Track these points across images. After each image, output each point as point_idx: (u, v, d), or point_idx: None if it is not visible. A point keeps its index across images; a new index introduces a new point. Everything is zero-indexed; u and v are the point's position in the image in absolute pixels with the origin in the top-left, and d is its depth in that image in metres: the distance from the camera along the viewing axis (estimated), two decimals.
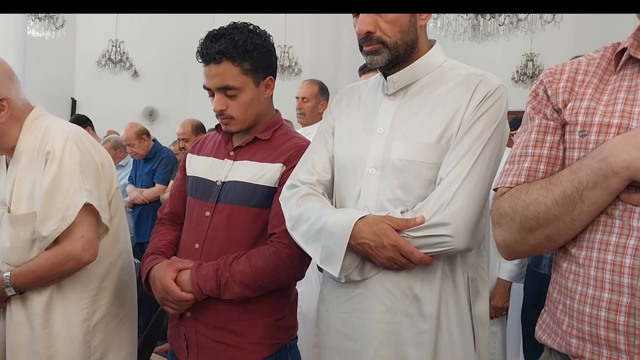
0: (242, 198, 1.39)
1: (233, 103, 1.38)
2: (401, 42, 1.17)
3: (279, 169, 1.39)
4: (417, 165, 1.15)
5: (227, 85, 1.36)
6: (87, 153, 1.49)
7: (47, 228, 1.39)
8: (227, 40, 1.34)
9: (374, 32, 1.16)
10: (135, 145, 4.01)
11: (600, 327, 0.88)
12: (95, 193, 1.46)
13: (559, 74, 1.02)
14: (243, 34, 1.36)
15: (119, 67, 8.97)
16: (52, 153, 1.41)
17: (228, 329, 1.40)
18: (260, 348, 1.40)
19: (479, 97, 1.15)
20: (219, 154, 1.49)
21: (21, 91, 1.52)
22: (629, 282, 0.85)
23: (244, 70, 1.36)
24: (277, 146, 1.44)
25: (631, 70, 0.95)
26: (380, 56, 1.18)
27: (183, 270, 1.38)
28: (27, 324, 1.47)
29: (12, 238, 1.45)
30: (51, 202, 1.39)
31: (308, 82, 3.15)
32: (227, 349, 1.40)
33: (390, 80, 1.22)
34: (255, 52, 1.36)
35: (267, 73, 1.42)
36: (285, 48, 8.83)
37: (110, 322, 1.57)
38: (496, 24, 6.14)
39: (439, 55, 1.25)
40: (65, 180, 1.41)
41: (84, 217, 1.42)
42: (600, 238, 0.90)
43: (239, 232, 1.39)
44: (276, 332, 1.42)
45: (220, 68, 1.35)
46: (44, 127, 1.48)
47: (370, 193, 1.19)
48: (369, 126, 1.24)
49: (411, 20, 1.17)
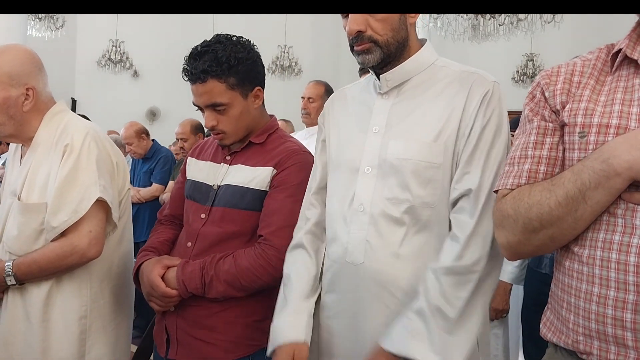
0: (234, 201, 1.41)
1: (223, 118, 1.40)
2: (392, 40, 1.16)
3: (269, 172, 1.41)
4: (414, 164, 1.14)
5: (215, 102, 1.38)
6: (105, 151, 1.52)
7: (58, 219, 1.40)
8: (211, 57, 1.34)
9: (365, 31, 1.15)
10: (134, 144, 4.01)
11: (608, 325, 0.89)
12: (109, 190, 1.48)
13: (555, 75, 1.03)
14: (226, 49, 1.36)
15: (119, 67, 8.98)
16: (70, 146, 1.44)
17: (206, 325, 1.41)
18: (236, 347, 1.40)
19: (478, 98, 1.14)
20: (217, 158, 1.52)
21: (47, 85, 1.56)
22: (634, 280, 0.86)
23: (231, 86, 1.37)
24: (270, 150, 1.45)
25: (627, 70, 0.95)
26: (372, 55, 1.17)
27: (171, 268, 1.40)
28: (24, 316, 1.47)
29: (20, 226, 1.45)
30: (65, 194, 1.41)
31: (314, 83, 3.23)
32: (204, 345, 1.41)
33: (383, 78, 1.21)
34: (240, 66, 1.37)
35: (254, 84, 1.43)
36: (285, 48, 8.84)
37: (107, 322, 1.57)
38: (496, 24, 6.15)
39: (431, 53, 1.24)
40: (82, 173, 1.43)
41: (94, 212, 1.43)
42: (603, 237, 0.90)
43: (230, 233, 1.41)
44: (254, 334, 1.42)
45: (207, 86, 1.36)
46: (64, 121, 1.52)
47: (366, 192, 1.19)
48: (363, 125, 1.24)
49: (401, 19, 1.17)
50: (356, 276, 1.19)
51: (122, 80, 9.38)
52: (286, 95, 7.34)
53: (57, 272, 1.45)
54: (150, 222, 4.00)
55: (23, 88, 1.47)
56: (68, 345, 1.48)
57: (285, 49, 8.85)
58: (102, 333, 1.55)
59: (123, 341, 1.65)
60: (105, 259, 1.54)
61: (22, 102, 1.48)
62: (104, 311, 1.56)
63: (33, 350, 1.45)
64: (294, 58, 8.97)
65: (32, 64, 1.50)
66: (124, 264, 1.64)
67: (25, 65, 1.48)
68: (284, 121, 4.81)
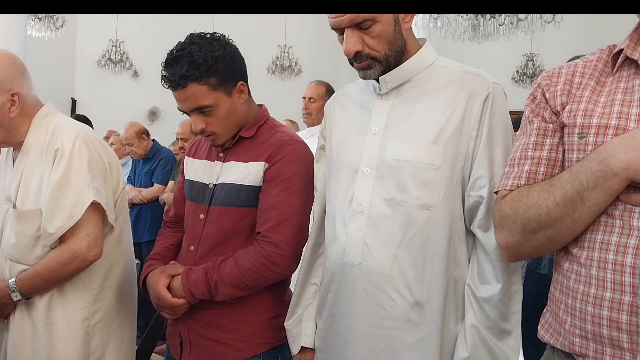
0: (230, 199, 1.41)
1: (211, 120, 1.39)
2: (390, 52, 1.17)
3: (262, 167, 1.40)
4: (413, 165, 1.14)
5: (199, 105, 1.36)
6: (96, 152, 1.50)
7: (54, 225, 1.40)
8: (187, 61, 1.32)
9: (362, 50, 1.16)
10: (135, 145, 4.01)
11: (603, 326, 0.89)
12: (102, 192, 1.47)
13: (556, 76, 1.03)
14: (202, 49, 1.34)
15: (119, 67, 8.97)
16: (61, 150, 1.43)
17: (218, 325, 1.41)
18: (248, 346, 1.41)
19: (480, 100, 1.14)
20: (211, 155, 1.51)
21: (32, 88, 1.54)
22: (630, 281, 0.86)
23: (213, 86, 1.35)
24: (260, 143, 1.44)
25: (627, 71, 0.95)
26: (373, 70, 1.18)
27: (176, 277, 1.40)
28: (29, 322, 1.48)
29: (17, 234, 1.45)
30: (59, 199, 1.40)
31: (316, 83, 3.24)
32: (216, 345, 1.41)
33: (383, 80, 1.21)
34: (218, 65, 1.35)
35: (236, 80, 1.41)
36: (285, 48, 8.83)
37: (110, 322, 1.57)
38: (496, 24, 6.15)
39: (430, 53, 1.24)
40: (74, 177, 1.42)
41: (90, 215, 1.43)
42: (601, 238, 0.91)
43: (229, 232, 1.41)
44: (266, 332, 1.43)
45: (188, 91, 1.34)
46: (53, 124, 1.50)
47: (365, 193, 1.19)
48: (363, 126, 1.24)
49: (396, 28, 1.16)
50: (353, 277, 1.19)
51: (122, 80, 9.37)
52: (286, 95, 7.33)
53: (62, 280, 1.45)
54: (152, 222, 4.01)
55: (8, 94, 1.45)
56: (73, 348, 1.49)
57: (285, 49, 8.84)
58: (106, 333, 1.55)
59: (128, 340, 1.65)
60: (105, 260, 1.54)
61: (8, 109, 1.46)
62: (107, 311, 1.56)
63: (40, 353, 1.46)
64: (294, 58, 8.95)
65: (14, 69, 1.47)
66: (124, 262, 1.64)
67: (7, 70, 1.46)
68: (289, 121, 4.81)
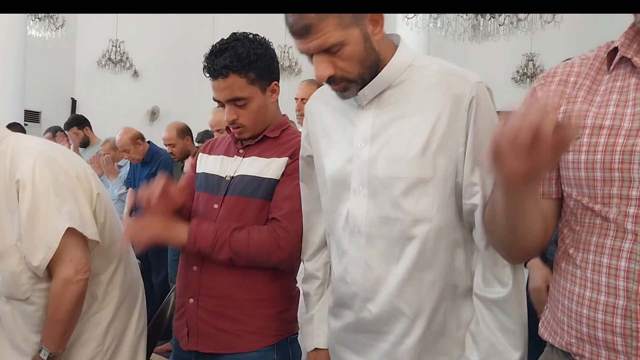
0: (249, 190, 1.45)
1: (243, 112, 1.45)
2: (364, 70, 1.12)
3: (284, 162, 1.45)
4: (404, 182, 1.11)
5: (236, 96, 1.42)
6: (59, 171, 1.45)
7: (36, 258, 1.38)
8: (231, 54, 1.39)
9: (334, 74, 1.12)
10: (132, 151, 3.97)
11: (598, 329, 0.89)
12: (75, 213, 1.42)
13: (551, 76, 1.03)
14: (245, 46, 1.41)
15: (119, 67, 8.98)
16: (22, 181, 1.38)
17: (229, 316, 1.44)
18: (259, 338, 1.44)
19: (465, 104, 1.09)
20: (229, 152, 1.55)
21: None
22: (624, 285, 0.86)
23: (250, 81, 1.42)
24: (284, 143, 1.50)
25: (624, 70, 0.95)
26: (350, 91, 1.15)
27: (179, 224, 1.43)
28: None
29: (1, 272, 1.44)
30: (33, 232, 1.38)
31: (307, 83, 3.13)
32: (227, 336, 1.44)
33: (362, 94, 1.16)
34: (258, 62, 1.42)
35: (271, 79, 1.48)
36: (285, 48, 8.84)
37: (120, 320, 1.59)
38: (496, 24, 6.16)
39: (406, 55, 1.18)
40: (42, 207, 1.38)
41: (69, 240, 1.40)
42: (596, 241, 0.91)
43: (245, 222, 1.43)
44: (277, 324, 1.46)
45: (228, 82, 1.41)
46: (9, 151, 1.43)
47: (359, 212, 1.16)
48: (347, 137, 1.19)
49: (366, 45, 1.11)
50: (355, 297, 1.18)
51: (122, 80, 9.38)
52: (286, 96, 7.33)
53: (74, 312, 1.44)
54: None
55: None
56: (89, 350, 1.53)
57: (285, 49, 8.84)
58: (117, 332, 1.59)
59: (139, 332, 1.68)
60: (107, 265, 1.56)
61: None
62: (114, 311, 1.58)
63: None
64: (294, 58, 8.97)
65: None
66: (125, 262, 1.64)
67: None
68: None
